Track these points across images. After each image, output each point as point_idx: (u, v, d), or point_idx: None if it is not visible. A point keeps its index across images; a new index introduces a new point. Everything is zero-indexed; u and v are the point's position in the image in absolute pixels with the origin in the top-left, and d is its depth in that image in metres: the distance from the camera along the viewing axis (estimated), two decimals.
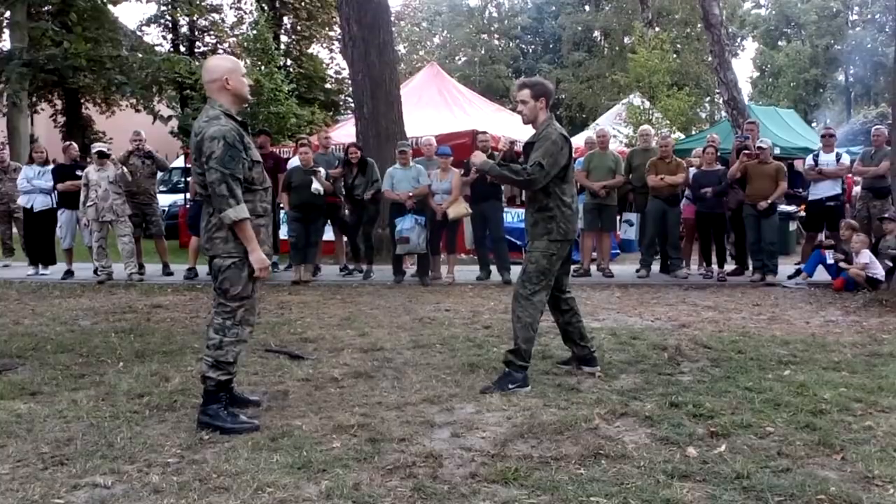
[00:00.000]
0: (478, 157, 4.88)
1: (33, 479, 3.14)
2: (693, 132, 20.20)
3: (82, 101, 29.49)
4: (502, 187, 10.22)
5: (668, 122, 19.02)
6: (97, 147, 10.02)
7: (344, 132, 14.77)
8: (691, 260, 10.42)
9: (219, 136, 3.68)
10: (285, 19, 31.00)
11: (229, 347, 3.83)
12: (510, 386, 4.45)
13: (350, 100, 29.18)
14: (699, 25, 27.69)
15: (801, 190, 11.28)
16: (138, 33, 28.85)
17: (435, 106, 15.68)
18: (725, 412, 3.97)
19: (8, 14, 5.29)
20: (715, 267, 9.75)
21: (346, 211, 10.02)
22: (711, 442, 3.56)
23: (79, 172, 9.94)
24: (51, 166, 10.72)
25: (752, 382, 4.57)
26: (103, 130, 29.02)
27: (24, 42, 9.18)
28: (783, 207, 10.01)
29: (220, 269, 3.81)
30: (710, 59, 17.28)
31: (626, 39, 38.65)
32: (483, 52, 44.14)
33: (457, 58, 45.89)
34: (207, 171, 3.69)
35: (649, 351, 5.51)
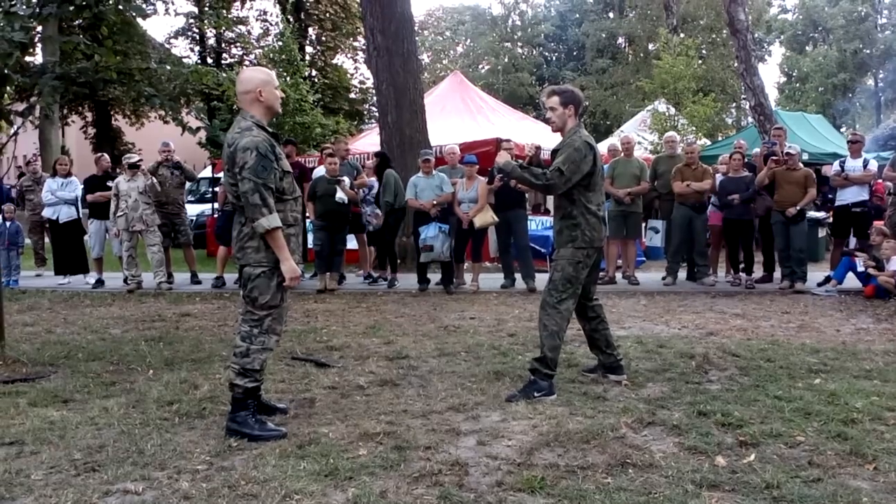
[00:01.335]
0: (502, 157, 4.86)
1: (66, 486, 3.19)
2: (719, 138, 20.05)
3: (112, 112, 30.00)
4: (526, 195, 10.21)
5: (693, 128, 18.89)
6: (128, 158, 10.17)
7: (368, 141, 14.86)
8: (718, 267, 10.34)
9: (251, 147, 3.72)
10: (310, 30, 31.32)
11: (256, 355, 3.86)
12: (536, 394, 4.44)
13: (374, 109, 29.35)
14: (725, 31, 27.49)
15: (829, 196, 11.16)
16: (166, 46, 29.29)
17: (459, 114, 15.72)
18: (755, 421, 3.93)
19: (40, 28, 5.41)
20: (742, 274, 9.66)
21: (373, 219, 10.06)
22: (741, 451, 3.52)
23: (109, 183, 10.11)
24: (73, 178, 10.88)
25: (782, 391, 4.52)
26: (132, 141, 29.52)
27: (56, 56, 9.34)
28: (812, 214, 9.91)
29: (250, 277, 3.84)
30: (736, 64, 17.17)
31: (650, 46, 38.49)
32: (506, 60, 44.16)
33: (480, 66, 45.98)
34: (240, 181, 3.74)
35: (676, 359, 5.47)
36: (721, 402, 4.29)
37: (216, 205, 12.58)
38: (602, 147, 16.71)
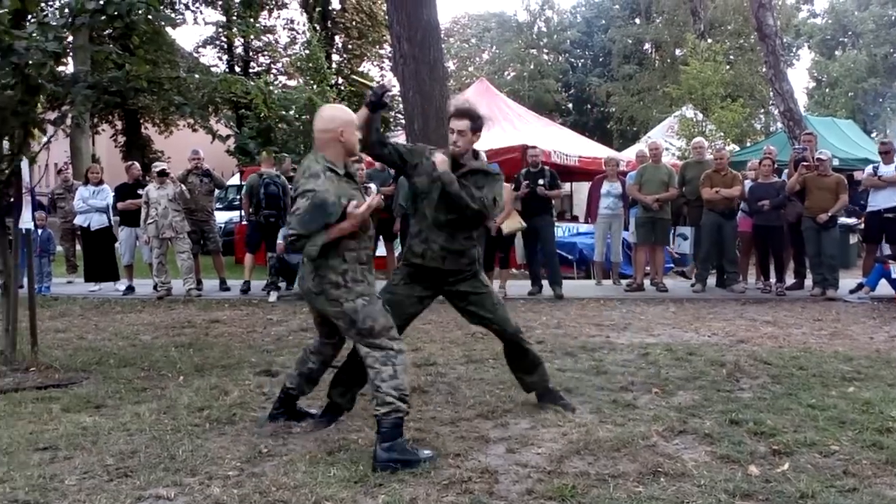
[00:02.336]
0: (441, 164, 4.01)
1: (99, 491, 3.22)
2: (748, 144, 19.85)
3: (141, 121, 30.41)
4: (552, 202, 10.18)
5: (721, 133, 18.72)
6: (158, 166, 10.30)
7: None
8: (748, 274, 10.23)
9: (310, 195, 3.53)
10: (337, 38, 31.53)
11: (402, 375, 3.61)
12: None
13: (400, 116, 29.43)
14: (753, 36, 27.25)
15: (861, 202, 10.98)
16: (195, 55, 29.65)
17: (484, 121, 15.70)
18: (788, 430, 3.88)
19: (71, 38, 5.50)
20: (773, 281, 9.55)
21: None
22: (774, 460, 3.48)
23: (139, 191, 10.23)
24: (105, 186, 11.02)
25: (815, 399, 4.46)
26: (161, 149, 29.89)
27: (87, 65, 9.51)
28: (843, 220, 9.78)
29: (356, 311, 3.61)
30: (764, 69, 16.98)
31: (677, 51, 38.21)
32: (532, 66, 44.06)
33: (506, 73, 45.90)
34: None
35: (707, 367, 5.41)
36: (753, 411, 4.24)
37: (243, 212, 12.68)
38: (629, 153, 16.68)
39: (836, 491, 3.10)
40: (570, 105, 46.07)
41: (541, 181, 9.54)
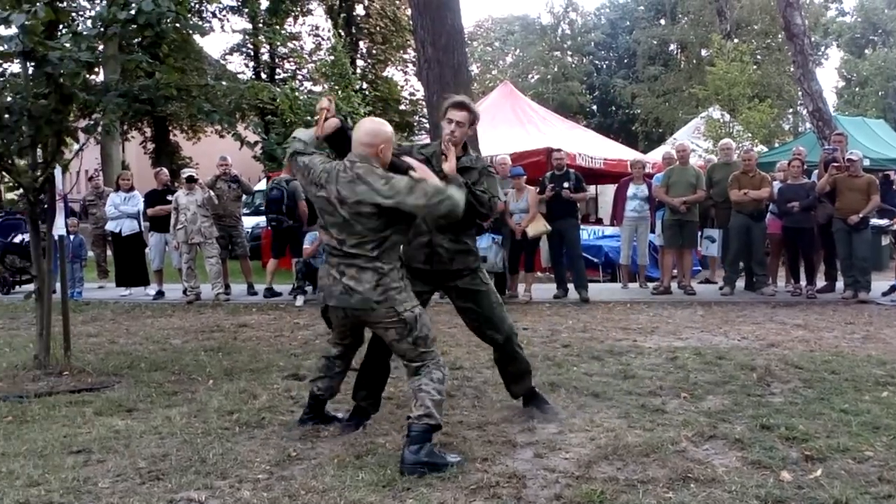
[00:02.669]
0: (449, 165, 3.94)
1: (132, 493, 3.26)
2: (776, 145, 19.64)
3: (170, 128, 30.79)
4: (577, 205, 10.15)
5: (749, 134, 18.54)
6: (186, 172, 10.43)
7: None
8: (778, 276, 10.12)
9: (406, 179, 3.61)
10: (361, 44, 31.70)
11: (445, 380, 3.70)
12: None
13: (424, 121, 29.52)
14: (780, 35, 26.96)
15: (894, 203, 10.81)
16: (222, 62, 29.96)
17: (509, 124, 15.69)
18: (820, 435, 3.83)
19: (101, 47, 5.58)
20: (803, 284, 9.43)
21: None
22: (806, 466, 3.43)
23: (169, 197, 10.37)
24: (136, 192, 11.17)
25: (848, 404, 4.40)
26: (190, 156, 30.26)
27: (117, 73, 9.65)
28: (875, 221, 9.65)
29: (416, 319, 3.63)
30: (792, 69, 16.78)
31: (703, 52, 37.92)
32: (556, 69, 43.96)
33: (530, 76, 45.86)
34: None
35: (737, 371, 5.36)
36: (785, 416, 4.19)
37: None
38: (655, 155, 16.56)
39: (871, 498, 3.05)
40: (595, 107, 45.90)
41: (566, 184, 9.51)
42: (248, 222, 14.11)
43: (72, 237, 11.09)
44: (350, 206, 3.59)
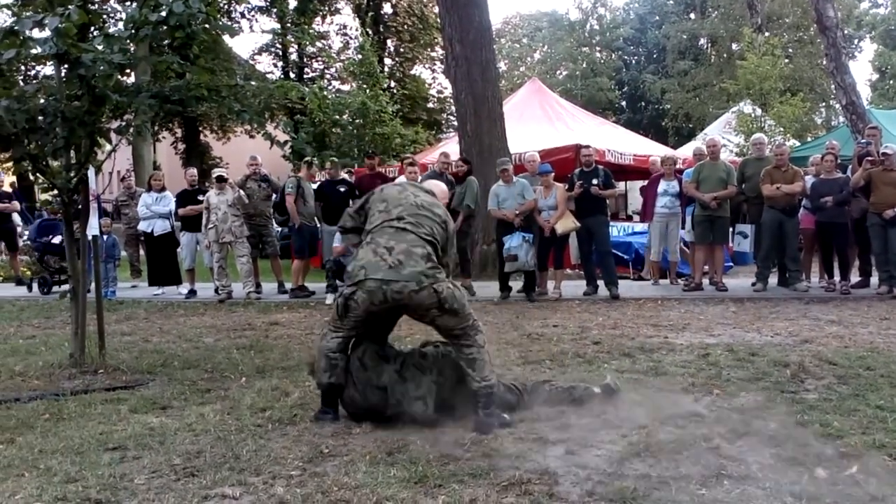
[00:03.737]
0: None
1: (167, 490, 3.31)
2: (808, 139, 19.36)
3: (200, 128, 31.12)
4: (607, 201, 10.09)
5: (781, 129, 18.29)
6: (217, 172, 10.54)
7: (447, 150, 14.95)
8: (811, 272, 9.97)
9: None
10: (389, 42, 31.81)
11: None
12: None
13: (452, 118, 29.56)
14: (812, 28, 26.55)
15: None
16: (251, 62, 30.23)
17: (537, 121, 15.66)
18: (856, 432, 3.78)
19: (132, 49, 5.66)
20: (837, 279, 9.29)
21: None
22: (842, 463, 3.38)
23: (200, 197, 10.48)
24: (167, 192, 11.30)
25: (884, 401, 4.33)
26: (220, 156, 30.57)
27: (147, 75, 9.79)
28: None
29: (454, 295, 4.09)
30: (825, 62, 16.53)
31: (734, 46, 37.47)
32: (585, 65, 43.69)
33: (558, 72, 45.64)
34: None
35: (770, 368, 5.29)
36: (819, 412, 4.13)
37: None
38: (685, 150, 16.40)
39: None
40: (624, 103, 45.55)
41: (595, 181, 9.46)
42: None
43: (105, 237, 11.26)
44: None
